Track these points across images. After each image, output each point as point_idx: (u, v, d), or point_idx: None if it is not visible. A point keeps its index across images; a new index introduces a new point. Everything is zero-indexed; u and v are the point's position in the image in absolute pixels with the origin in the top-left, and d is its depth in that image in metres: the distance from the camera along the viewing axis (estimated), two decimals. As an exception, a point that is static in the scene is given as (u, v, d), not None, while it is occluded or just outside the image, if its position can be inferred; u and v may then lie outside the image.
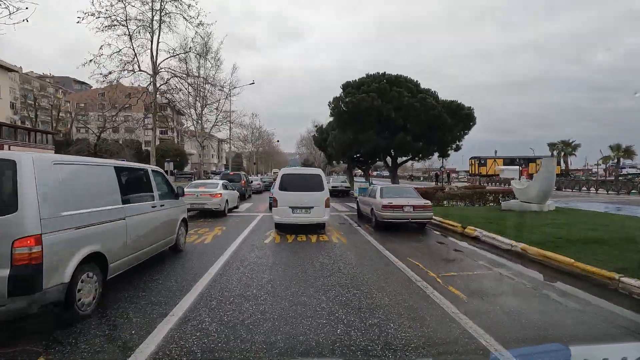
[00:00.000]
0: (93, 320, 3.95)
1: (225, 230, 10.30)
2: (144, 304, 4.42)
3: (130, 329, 3.72)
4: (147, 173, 6.01)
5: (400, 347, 3.36)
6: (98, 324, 3.89)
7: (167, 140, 79.29)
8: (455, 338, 3.59)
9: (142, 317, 4.02)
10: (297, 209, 10.16)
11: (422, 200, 10.44)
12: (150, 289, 5.00)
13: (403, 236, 9.67)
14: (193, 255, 7.09)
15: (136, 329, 3.69)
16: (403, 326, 3.83)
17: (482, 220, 10.85)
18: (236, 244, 8.20)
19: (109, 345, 3.46)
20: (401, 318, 4.05)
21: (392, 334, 3.65)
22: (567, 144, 45.23)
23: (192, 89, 23.86)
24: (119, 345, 3.46)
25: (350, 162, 38.99)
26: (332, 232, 10.06)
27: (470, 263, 6.82)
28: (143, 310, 4.24)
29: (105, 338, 3.61)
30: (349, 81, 22.96)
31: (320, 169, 11.55)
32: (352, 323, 3.88)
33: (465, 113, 20.32)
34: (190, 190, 13.43)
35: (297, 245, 8.20)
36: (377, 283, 5.43)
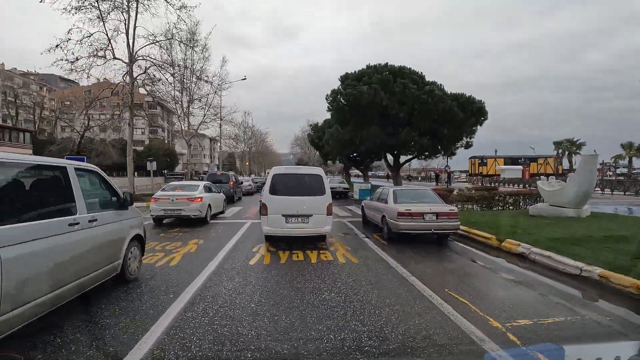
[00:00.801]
0: None
1: (202, 244, 8.25)
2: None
3: None
4: (65, 173, 3.96)
5: None
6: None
7: (157, 139, 76.82)
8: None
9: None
10: (291, 218, 8.20)
11: (447, 207, 8.50)
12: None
13: (425, 251, 7.72)
14: (144, 289, 5.04)
15: None
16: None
17: (515, 229, 8.95)
18: (211, 268, 6.16)
19: None
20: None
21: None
22: (572, 143, 43.78)
23: (176, 81, 21.67)
24: None
25: (347, 162, 37.09)
26: (336, 247, 8.07)
27: (536, 299, 4.87)
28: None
29: None
30: (348, 73, 21.02)
31: (321, 168, 9.55)
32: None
33: (477, 107, 18.49)
34: (164, 194, 11.38)
35: (292, 269, 6.18)
36: (419, 344, 3.45)
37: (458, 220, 8.28)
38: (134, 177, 18.67)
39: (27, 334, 3.30)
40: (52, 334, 3.50)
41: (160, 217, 11.32)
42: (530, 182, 37.20)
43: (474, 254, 7.52)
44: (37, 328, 3.45)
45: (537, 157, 51.55)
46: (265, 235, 8.46)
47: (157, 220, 11.53)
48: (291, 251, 7.54)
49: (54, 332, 3.53)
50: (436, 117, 17.93)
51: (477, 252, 7.74)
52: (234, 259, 6.80)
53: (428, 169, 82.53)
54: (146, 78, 17.73)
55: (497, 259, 7.10)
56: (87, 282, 4.07)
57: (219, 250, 7.61)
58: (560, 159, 48.71)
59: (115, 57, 17.17)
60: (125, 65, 17.46)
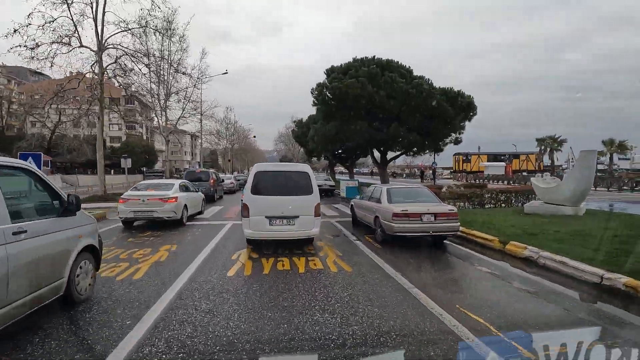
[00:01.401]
0: None
1: (175, 250, 7.32)
2: None
3: None
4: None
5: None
6: None
7: (135, 135, 74.20)
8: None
9: None
10: (276, 220, 7.41)
11: (446, 206, 7.83)
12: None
13: (423, 256, 7.03)
14: (95, 313, 4.11)
15: None
16: None
17: (515, 229, 8.41)
18: (182, 281, 5.27)
19: None
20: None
21: None
22: (554, 140, 44.45)
23: (151, 72, 20.34)
24: None
25: (332, 158, 36.38)
26: (325, 252, 7.28)
27: (564, 316, 4.22)
28: None
29: None
30: (334, 66, 20.21)
31: (308, 165, 8.73)
32: None
33: (466, 102, 18.02)
34: (135, 194, 10.34)
35: (277, 281, 5.36)
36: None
37: (458, 221, 7.63)
38: (105, 175, 17.35)
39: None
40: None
41: (130, 219, 10.26)
42: (515, 178, 37.48)
43: (476, 259, 6.87)
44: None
45: (519, 154, 52.23)
46: (247, 239, 7.65)
47: (126, 223, 10.48)
48: (276, 258, 6.72)
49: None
50: (425, 112, 17.36)
51: (479, 256, 7.11)
52: (209, 269, 5.91)
53: (412, 165, 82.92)
54: (117, 68, 16.43)
55: (502, 264, 6.47)
56: (9, 314, 3.14)
57: (193, 257, 6.71)
58: (542, 155, 49.43)
59: (82, 45, 15.79)
60: (93, 54, 16.12)
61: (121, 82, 17.18)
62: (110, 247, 7.58)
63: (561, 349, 1.59)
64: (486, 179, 39.24)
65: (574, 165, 11.38)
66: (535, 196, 13.00)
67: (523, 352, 3.06)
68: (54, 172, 45.40)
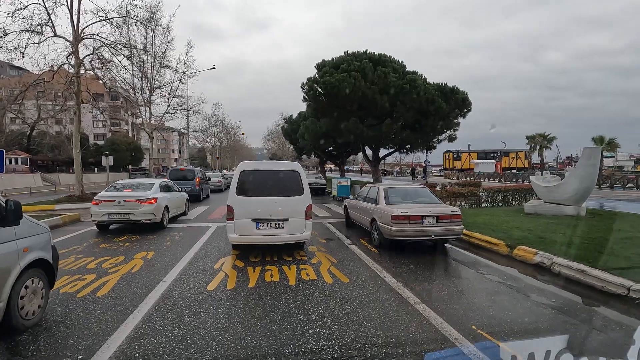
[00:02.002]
0: None
1: (150, 259, 6.57)
2: None
3: None
4: None
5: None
6: None
7: (121, 132, 72.26)
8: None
9: None
10: (264, 223, 6.78)
11: (448, 208, 7.24)
12: None
13: (425, 263, 6.43)
14: (40, 345, 3.37)
15: None
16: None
17: (519, 231, 7.89)
18: (155, 297, 4.56)
19: None
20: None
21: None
22: (544, 137, 44.57)
23: (133, 65, 19.33)
24: None
25: (323, 156, 35.69)
26: (318, 258, 6.63)
27: (605, 341, 3.66)
28: None
29: None
30: (325, 60, 19.47)
31: (298, 163, 8.05)
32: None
33: (461, 97, 17.49)
34: (110, 195, 9.50)
35: (264, 296, 4.69)
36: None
37: (461, 223, 7.05)
38: (83, 174, 16.36)
39: None
40: None
41: (105, 222, 9.45)
42: (505, 175, 37.45)
43: (482, 265, 6.31)
44: None
45: (508, 152, 52.39)
46: (232, 244, 6.98)
47: (101, 226, 9.67)
48: (263, 267, 6.04)
49: None
50: (419, 108, 16.80)
51: (485, 261, 6.55)
52: (187, 282, 5.21)
53: (402, 163, 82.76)
54: (94, 59, 15.42)
55: (512, 272, 5.91)
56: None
57: (170, 267, 5.99)
58: (531, 153, 49.63)
59: (56, 35, 14.75)
60: (69, 45, 15.09)
61: (100, 75, 16.17)
62: (78, 255, 6.79)
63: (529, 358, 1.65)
64: (477, 177, 39.13)
65: (577, 163, 10.94)
66: (534, 195, 12.60)
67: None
68: (34, 170, 43.70)
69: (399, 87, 17.05)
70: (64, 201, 14.93)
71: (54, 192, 25.92)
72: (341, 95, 17.11)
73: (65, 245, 7.73)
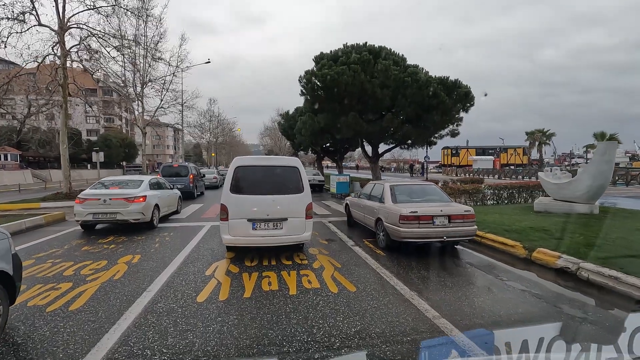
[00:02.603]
0: None
1: (135, 264, 5.97)
2: None
3: None
4: None
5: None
6: None
7: (114, 128, 71.13)
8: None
9: None
10: (260, 223, 6.25)
11: (460, 207, 6.69)
12: None
13: (438, 267, 5.91)
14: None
15: None
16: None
17: (534, 231, 7.39)
18: (136, 311, 3.98)
19: None
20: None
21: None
22: (543, 133, 44.21)
23: (124, 56, 18.55)
24: None
25: (320, 152, 35.08)
26: (320, 262, 6.07)
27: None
28: None
29: None
30: (323, 52, 18.82)
31: (297, 159, 7.47)
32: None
33: (463, 92, 16.94)
34: (95, 193, 8.88)
35: (262, 309, 4.12)
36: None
37: (475, 223, 6.52)
38: (69, 170, 15.65)
39: None
40: None
41: (89, 223, 8.83)
42: (505, 172, 37.05)
43: (500, 270, 5.78)
44: None
45: (507, 148, 52.06)
46: (227, 246, 6.45)
47: (86, 226, 9.05)
48: (260, 272, 5.47)
49: None
50: (421, 102, 16.24)
51: (502, 265, 6.02)
52: (175, 292, 4.63)
53: (399, 159, 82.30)
54: (80, 49, 14.66)
55: (535, 278, 5.38)
56: None
57: (157, 273, 5.41)
58: (530, 149, 49.32)
59: (40, 24, 14.00)
60: (54, 35, 14.32)
61: (87, 66, 15.42)
62: (56, 260, 6.19)
63: (522, 345, 1.53)
64: (476, 173, 38.74)
65: (590, 159, 10.44)
66: (542, 192, 12.12)
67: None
68: (24, 166, 42.70)
69: (401, 80, 16.48)
70: (51, 199, 14.24)
71: (44, 189, 25.08)
72: (340, 89, 16.53)
73: (44, 247, 7.12)
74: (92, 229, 9.13)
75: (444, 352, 3.18)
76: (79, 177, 45.95)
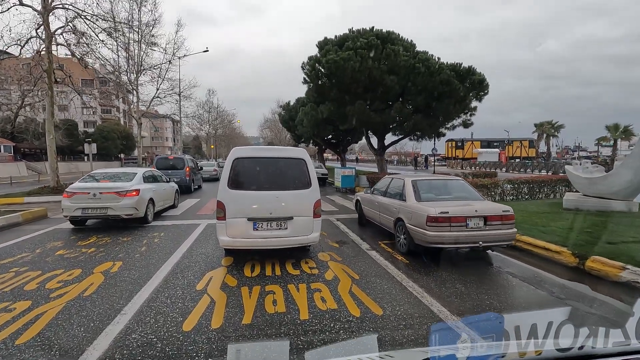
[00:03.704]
0: None
1: (114, 274, 5.02)
2: None
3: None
4: None
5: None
6: None
7: (112, 120, 69.90)
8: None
9: None
10: (262, 223, 5.39)
11: (498, 206, 5.71)
12: None
13: (473, 279, 4.94)
14: None
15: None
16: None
17: (576, 234, 6.44)
18: (102, 346, 3.03)
19: None
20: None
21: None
22: (551, 125, 42.97)
23: (117, 42, 17.44)
24: None
25: (322, 144, 34.05)
26: (333, 271, 5.13)
27: None
28: None
29: None
30: (327, 37, 17.73)
31: (304, 149, 6.49)
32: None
33: (477, 79, 15.89)
34: (84, 187, 8.09)
35: (265, 348, 3.18)
36: None
37: (514, 225, 5.57)
38: (57, 163, 14.67)
39: None
40: None
41: (78, 218, 8.05)
42: (513, 165, 36.05)
43: (549, 282, 4.83)
44: None
45: (512, 140, 50.97)
46: (224, 248, 5.58)
47: (76, 222, 8.28)
48: (263, 286, 4.53)
49: None
50: (433, 90, 15.19)
51: (548, 276, 5.07)
52: (157, 315, 3.68)
53: (401, 152, 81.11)
54: (65, 30, 13.54)
55: (593, 294, 4.45)
56: None
57: (139, 287, 4.47)
58: (539, 141, 48.19)
59: (22, 3, 12.90)
60: (37, 16, 13.22)
61: (76, 52, 14.32)
62: (21, 268, 5.25)
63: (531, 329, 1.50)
64: (482, 166, 37.75)
65: (631, 152, 9.47)
66: (568, 187, 11.18)
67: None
68: (19, 158, 41.69)
69: (411, 66, 15.43)
70: (36, 193, 13.29)
71: (37, 181, 24.14)
72: (346, 76, 15.47)
73: (13, 252, 6.18)
74: (83, 225, 8.41)
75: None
76: (76, 170, 45.03)
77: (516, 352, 1.27)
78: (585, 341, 1.29)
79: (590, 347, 1.22)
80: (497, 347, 1.38)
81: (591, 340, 1.31)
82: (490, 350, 1.34)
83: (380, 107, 16.67)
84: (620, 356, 1.12)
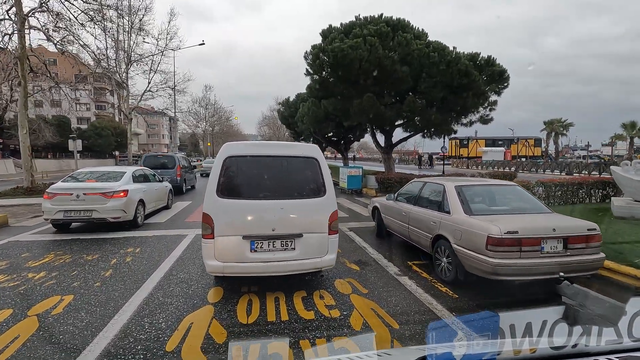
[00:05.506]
0: None
1: (54, 319, 3.57)
2: None
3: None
4: None
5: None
6: None
7: (106, 116, 68.15)
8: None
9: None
10: (263, 242, 4.04)
11: (581, 223, 4.29)
12: None
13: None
14: None
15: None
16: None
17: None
18: None
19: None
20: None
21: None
22: (560, 123, 41.64)
23: (103, 31, 15.93)
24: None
25: (323, 141, 32.60)
26: (361, 314, 3.71)
27: None
28: None
29: None
30: (332, 25, 16.25)
31: (316, 146, 5.02)
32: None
33: (497, 70, 14.48)
34: (66, 187, 7.06)
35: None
36: None
37: (600, 249, 4.17)
38: (31, 161, 13.22)
39: None
40: None
41: (60, 222, 7.16)
42: (523, 164, 34.71)
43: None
44: None
45: (518, 139, 49.63)
46: (214, 275, 4.19)
47: (58, 226, 7.41)
48: (265, 343, 3.10)
49: None
50: (449, 81, 13.78)
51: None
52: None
53: (402, 150, 79.64)
54: (38, 10, 12.03)
55: None
56: None
57: (85, 344, 3.05)
58: (547, 140, 46.83)
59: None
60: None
61: (52, 36, 12.83)
62: None
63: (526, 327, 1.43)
64: (488, 165, 36.41)
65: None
66: (614, 190, 9.83)
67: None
68: (6, 156, 40.05)
69: (425, 55, 14.00)
70: (8, 194, 11.83)
71: (23, 180, 22.59)
72: (354, 66, 14.04)
73: None
74: (68, 230, 7.45)
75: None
76: (67, 167, 43.45)
77: (511, 350, 1.29)
78: (579, 339, 1.31)
79: (584, 345, 1.25)
80: (492, 345, 1.39)
81: (584, 338, 1.33)
82: (486, 349, 1.34)
83: (391, 101, 15.25)
84: (612, 354, 1.14)
